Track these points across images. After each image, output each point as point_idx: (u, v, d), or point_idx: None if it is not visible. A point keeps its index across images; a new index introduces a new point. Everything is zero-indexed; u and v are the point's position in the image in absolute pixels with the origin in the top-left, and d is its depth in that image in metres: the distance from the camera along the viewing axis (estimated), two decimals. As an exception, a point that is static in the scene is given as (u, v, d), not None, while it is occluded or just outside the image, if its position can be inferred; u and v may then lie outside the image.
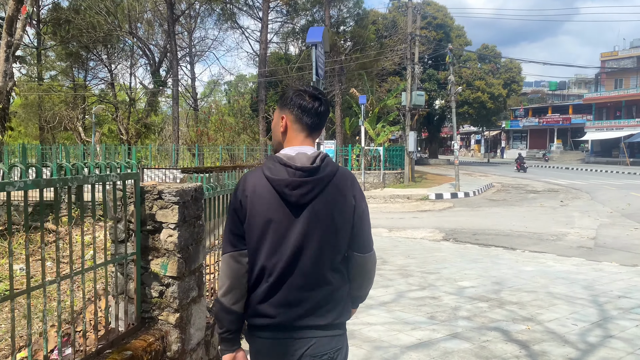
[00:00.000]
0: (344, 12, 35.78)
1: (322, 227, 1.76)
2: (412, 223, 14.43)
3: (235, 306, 1.80)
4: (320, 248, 1.77)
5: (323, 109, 1.86)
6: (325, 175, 1.77)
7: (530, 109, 62.99)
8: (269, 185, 1.74)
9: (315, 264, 1.77)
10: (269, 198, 1.74)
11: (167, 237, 2.76)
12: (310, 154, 1.78)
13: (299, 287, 1.76)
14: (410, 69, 22.13)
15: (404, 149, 23.33)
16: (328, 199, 1.76)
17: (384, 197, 19.90)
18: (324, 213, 1.76)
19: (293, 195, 1.73)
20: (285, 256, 1.75)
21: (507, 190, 22.82)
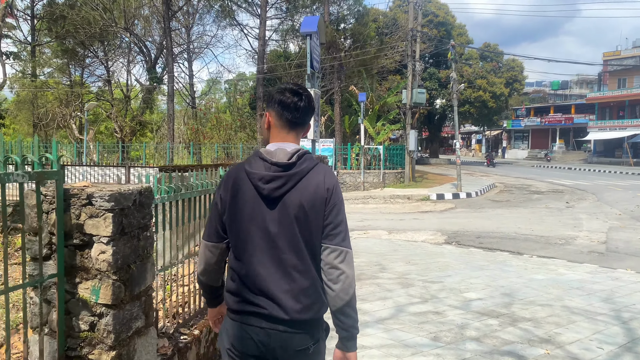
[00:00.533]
0: (344, 9, 35.16)
1: (293, 220, 1.79)
2: (413, 225, 13.81)
3: (210, 281, 1.98)
4: (293, 240, 1.79)
5: (303, 104, 1.88)
6: (300, 170, 1.80)
7: (532, 108, 62.32)
8: (247, 179, 1.81)
9: (286, 255, 1.79)
10: (247, 191, 1.81)
11: (99, 254, 2.14)
12: (289, 150, 1.83)
13: (271, 278, 1.79)
14: (411, 66, 21.50)
15: (404, 148, 22.71)
16: (301, 193, 1.79)
17: (384, 198, 19.29)
18: (295, 206, 1.79)
19: (266, 189, 1.78)
20: (258, 248, 1.80)
21: (510, 191, 22.20)
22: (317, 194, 1.80)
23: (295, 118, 1.88)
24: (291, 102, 1.86)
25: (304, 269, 1.80)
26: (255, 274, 1.79)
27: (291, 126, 1.89)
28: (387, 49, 34.52)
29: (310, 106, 1.91)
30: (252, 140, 26.33)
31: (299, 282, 1.79)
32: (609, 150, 48.03)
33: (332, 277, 1.79)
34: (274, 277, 1.78)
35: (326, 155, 20.81)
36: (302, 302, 1.78)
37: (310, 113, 1.92)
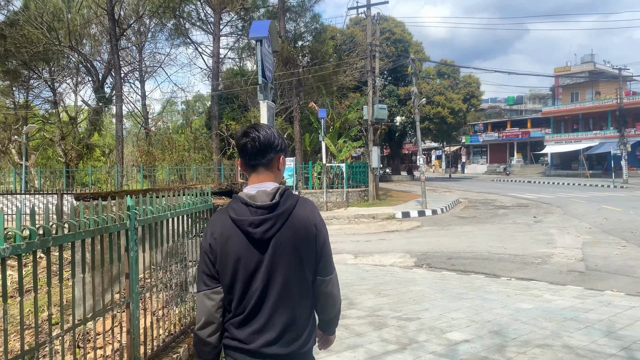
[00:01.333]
0: (301, 26, 34.62)
1: (287, 258, 1.86)
2: (380, 246, 12.94)
3: (211, 338, 1.91)
4: (287, 280, 1.88)
5: (251, 144, 1.89)
6: (285, 209, 1.86)
7: (489, 123, 63.30)
8: (234, 226, 1.85)
9: (283, 294, 1.87)
10: (236, 238, 1.85)
11: None
12: (269, 191, 1.88)
13: (267, 318, 1.86)
14: (372, 81, 20.90)
15: (367, 166, 21.99)
16: (290, 232, 1.86)
17: (348, 217, 18.41)
18: (287, 245, 1.86)
19: (257, 233, 1.83)
20: (256, 290, 1.86)
21: (475, 207, 21.72)
22: (307, 231, 1.89)
23: (250, 159, 1.92)
24: (242, 144, 1.91)
25: (301, 305, 1.92)
26: (256, 317, 1.87)
27: (253, 167, 1.93)
28: (345, 66, 34.13)
29: (262, 144, 1.90)
30: (208, 161, 25.17)
31: (299, 318, 1.90)
32: (566, 163, 48.94)
33: (325, 302, 2.02)
34: (276, 317, 1.87)
35: (284, 176, 19.84)
36: (302, 336, 1.91)
37: (267, 150, 1.92)
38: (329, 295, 2.01)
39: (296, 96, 22.35)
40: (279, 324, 1.87)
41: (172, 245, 3.75)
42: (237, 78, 31.10)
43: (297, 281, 1.90)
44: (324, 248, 1.96)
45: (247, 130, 1.93)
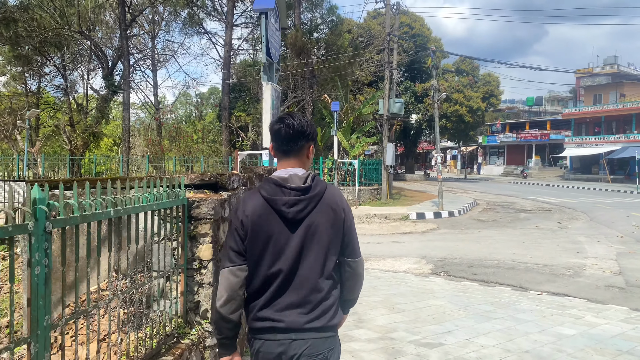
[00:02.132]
0: (317, 17, 33.64)
1: (316, 239, 1.96)
2: (393, 250, 11.96)
3: (233, 315, 1.96)
4: (315, 258, 1.96)
5: (285, 130, 1.99)
6: (317, 193, 1.97)
7: (507, 124, 61.77)
8: (267, 205, 1.93)
9: (311, 273, 1.96)
10: (268, 216, 1.92)
11: None
12: (301, 175, 1.99)
13: (297, 294, 1.95)
14: (389, 73, 19.85)
15: (380, 163, 20.97)
16: (321, 214, 1.96)
17: (359, 217, 17.42)
18: (318, 226, 1.95)
19: (290, 213, 1.92)
20: (285, 267, 1.94)
21: (494, 209, 20.61)
22: (336, 214, 2.00)
23: (283, 145, 2.01)
24: (277, 129, 2.01)
25: (329, 284, 2.00)
26: (283, 293, 1.95)
27: (283, 154, 2.03)
28: (361, 58, 33.07)
29: (295, 131, 1.99)
30: (219, 153, 24.37)
31: (326, 296, 1.98)
32: (586, 167, 47.39)
33: (355, 282, 2.12)
34: (303, 293, 1.95)
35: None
36: (327, 313, 1.98)
37: (299, 138, 2.01)
38: (359, 275, 2.13)
39: (309, 88, 21.37)
40: (309, 300, 1.95)
41: (123, 254, 2.83)
42: (250, 70, 30.26)
43: (325, 261, 1.99)
44: (351, 231, 2.07)
45: (283, 117, 2.03)
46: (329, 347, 1.98)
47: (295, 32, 20.84)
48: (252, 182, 4.57)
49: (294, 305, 1.94)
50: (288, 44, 21.59)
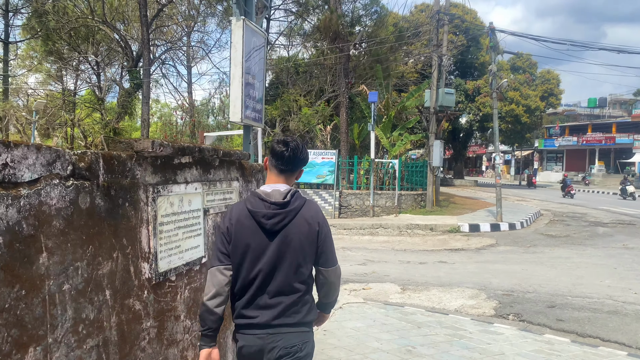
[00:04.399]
0: (359, 9, 30.98)
1: (291, 248, 2.21)
2: (439, 274, 9.11)
3: (218, 309, 2.20)
4: (289, 265, 2.21)
5: (287, 154, 2.26)
6: (294, 207, 2.23)
7: (566, 127, 56.94)
8: (250, 216, 2.21)
9: (286, 278, 2.21)
10: (249, 226, 2.20)
11: None
12: (282, 191, 2.25)
13: (273, 295, 2.21)
14: (437, 59, 16.91)
15: (426, 164, 18.02)
16: (296, 226, 2.22)
17: (399, 227, 14.58)
18: (292, 237, 2.21)
19: (268, 224, 2.19)
20: (262, 272, 2.19)
21: (563, 222, 17.24)
22: (310, 227, 2.24)
23: (281, 165, 2.28)
24: (279, 151, 2.26)
25: (300, 288, 2.24)
26: (259, 294, 2.21)
27: (279, 171, 2.30)
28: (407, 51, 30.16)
29: (297, 157, 2.29)
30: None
31: (296, 298, 2.23)
32: (659, 174, 42.46)
33: (328, 289, 2.38)
34: (275, 294, 2.20)
35: (325, 170, 16.27)
36: (299, 313, 2.25)
37: (297, 162, 2.31)
38: (331, 284, 2.37)
39: (344, 77, 18.68)
40: (282, 301, 2.20)
41: None
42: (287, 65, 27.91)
43: (298, 267, 2.23)
44: (326, 242, 2.30)
45: (287, 141, 2.30)
46: (303, 340, 2.25)
47: (330, 14, 18.23)
48: (125, 169, 2.00)
49: (270, 305, 2.20)
50: (321, 29, 19.05)
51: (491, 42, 15.37)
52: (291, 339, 2.21)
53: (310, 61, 28.66)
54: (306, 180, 16.64)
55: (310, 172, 16.46)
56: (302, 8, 32.10)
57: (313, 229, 2.24)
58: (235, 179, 3.24)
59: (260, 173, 3.68)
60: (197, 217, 2.69)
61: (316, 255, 2.27)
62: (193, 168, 2.67)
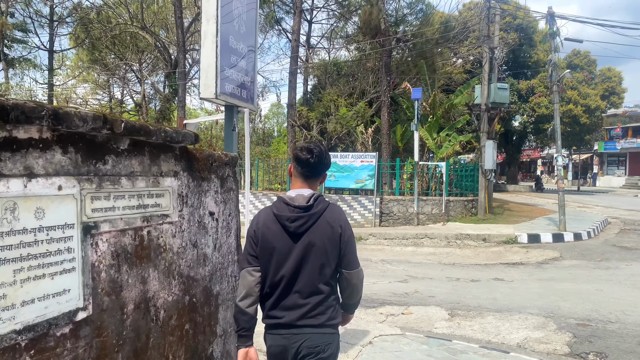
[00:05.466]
0: (404, 7, 29.56)
1: (314, 250, 2.27)
2: (495, 295, 7.63)
3: (250, 309, 2.28)
4: (313, 266, 2.28)
5: (313, 160, 2.36)
6: (317, 211, 2.31)
7: (629, 128, 53.11)
8: (275, 220, 2.31)
9: (309, 279, 2.28)
10: (275, 229, 2.28)
11: None
12: (306, 195, 2.34)
13: (298, 296, 2.28)
14: (488, 52, 15.30)
15: (477, 168, 16.40)
16: (319, 229, 2.29)
17: (447, 237, 13.08)
18: (316, 240, 2.27)
19: (292, 227, 2.28)
20: (287, 273, 2.27)
21: (636, 230, 15.19)
22: (333, 230, 2.30)
23: (307, 172, 2.38)
24: (304, 158, 2.36)
25: (324, 289, 2.31)
26: (285, 294, 2.28)
27: (304, 178, 2.39)
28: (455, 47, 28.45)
29: (321, 162, 2.39)
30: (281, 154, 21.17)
31: (321, 299, 2.30)
32: None
33: (351, 291, 2.42)
34: (301, 295, 2.27)
35: (364, 174, 14.96)
36: (324, 313, 2.31)
37: (322, 168, 2.42)
38: (354, 286, 2.41)
39: (386, 75, 17.33)
40: (306, 302, 2.27)
41: None
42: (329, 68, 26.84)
43: (322, 269, 2.29)
44: (348, 245, 2.35)
45: (311, 148, 2.38)
46: (326, 342, 2.31)
47: (370, 8, 16.97)
48: None
49: (295, 306, 2.27)
50: (361, 25, 17.83)
51: (550, 29, 13.67)
52: (315, 339, 2.28)
53: (352, 62, 27.50)
54: (344, 186, 15.37)
55: (348, 176, 15.19)
56: (345, 9, 31.03)
57: (336, 232, 2.31)
58: (171, 174, 2.04)
59: (228, 167, 2.47)
60: (61, 239, 1.49)
61: (339, 258, 2.34)
62: (54, 151, 1.48)
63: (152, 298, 1.92)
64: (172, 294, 2.04)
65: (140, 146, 1.85)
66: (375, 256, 11.50)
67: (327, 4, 33.81)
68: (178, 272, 2.09)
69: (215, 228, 2.37)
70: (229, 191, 2.49)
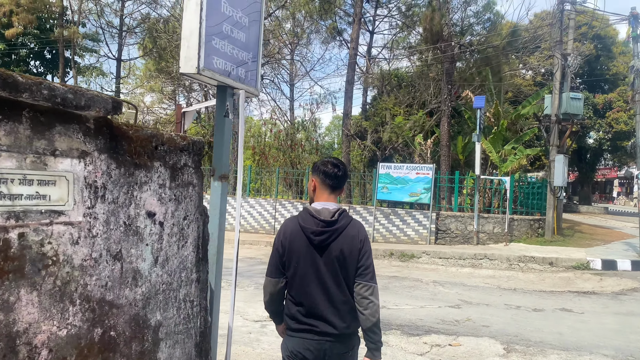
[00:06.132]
0: (470, 16, 28.36)
1: (337, 263, 2.41)
2: (561, 329, 6.58)
3: (275, 308, 2.58)
4: (336, 277, 2.42)
5: (340, 173, 2.54)
6: (340, 225, 2.44)
7: None
8: (301, 231, 2.45)
9: (332, 288, 2.42)
10: (300, 240, 2.45)
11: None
12: (331, 209, 2.47)
13: (321, 304, 2.41)
14: (560, 58, 14.01)
15: (545, 184, 15.05)
16: (341, 243, 2.43)
17: (508, 259, 11.92)
18: (338, 252, 2.42)
19: (316, 240, 2.42)
20: (312, 283, 2.42)
21: None
22: (353, 244, 2.44)
23: (334, 184, 2.53)
24: (332, 172, 2.52)
25: (344, 299, 2.44)
26: (309, 302, 2.44)
27: (331, 190, 2.54)
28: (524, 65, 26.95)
29: (345, 174, 2.58)
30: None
31: (341, 308, 2.44)
32: None
33: (363, 305, 2.42)
34: (324, 304, 2.43)
35: (420, 187, 14.04)
36: (344, 322, 2.43)
37: (345, 179, 2.59)
38: (367, 298, 2.40)
39: (447, 84, 16.35)
40: (331, 311, 2.41)
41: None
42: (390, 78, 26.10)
43: (344, 280, 2.43)
44: (367, 258, 2.46)
45: (336, 163, 2.56)
46: (353, 345, 2.50)
47: (431, 13, 16.12)
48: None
49: (319, 313, 2.41)
50: (422, 28, 17.00)
51: (633, 32, 12.27)
52: (337, 345, 2.43)
53: (413, 73, 26.58)
54: (397, 198, 14.48)
55: (403, 189, 14.30)
56: (409, 19, 30.24)
57: (356, 246, 2.44)
58: (73, 154, 1.44)
59: (185, 154, 1.86)
60: None
61: (357, 271, 2.44)
62: None
63: (23, 333, 1.31)
64: (69, 326, 1.43)
65: (12, 108, 1.26)
66: (426, 276, 10.58)
67: (390, 14, 33.18)
68: (82, 295, 1.47)
69: (158, 235, 1.74)
70: (186, 186, 1.86)
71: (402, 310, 7.42)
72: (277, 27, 31.19)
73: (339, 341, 2.43)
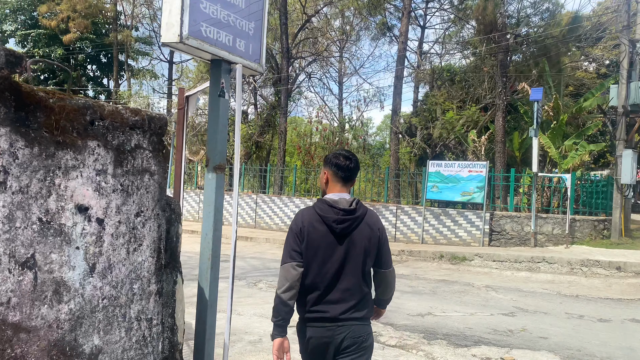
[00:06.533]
0: (527, 7, 26.95)
1: (357, 250, 2.49)
2: (632, 344, 5.85)
3: (291, 301, 2.45)
4: (356, 265, 2.49)
5: (352, 165, 2.60)
6: (360, 214, 2.52)
7: None
8: (321, 220, 2.48)
9: (352, 276, 2.49)
10: (321, 229, 2.47)
11: None
12: (348, 199, 2.54)
13: (342, 292, 2.47)
14: (628, 44, 12.84)
15: (610, 182, 13.90)
16: (362, 231, 2.51)
17: (570, 263, 11.00)
18: (358, 241, 2.50)
19: (338, 228, 2.46)
20: (332, 271, 2.46)
21: None
22: (372, 232, 2.54)
23: (346, 176, 2.59)
24: (344, 164, 2.57)
25: (362, 286, 2.53)
26: (327, 289, 2.47)
27: (344, 182, 2.60)
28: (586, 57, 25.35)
29: (357, 166, 2.63)
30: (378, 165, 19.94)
31: (358, 295, 2.51)
32: None
33: (385, 287, 2.67)
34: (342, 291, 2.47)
35: (472, 186, 13.28)
36: (362, 308, 2.51)
37: (357, 171, 2.64)
38: (388, 283, 2.65)
39: (501, 76, 15.42)
40: (350, 297, 2.47)
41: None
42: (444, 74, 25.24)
43: (363, 267, 2.51)
44: (384, 246, 2.59)
45: (348, 155, 2.61)
46: (367, 332, 2.54)
47: (484, 2, 15.25)
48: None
49: (341, 300, 2.45)
50: (474, 19, 16.15)
51: None
52: (357, 330, 2.48)
53: (466, 67, 25.55)
54: (447, 198, 13.76)
55: (454, 187, 13.56)
56: (461, 12, 29.16)
57: (375, 234, 2.54)
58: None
59: (136, 134, 1.46)
60: None
61: (376, 258, 2.57)
62: None
63: None
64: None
65: None
66: (479, 280, 9.88)
67: (442, 7, 32.19)
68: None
69: (96, 235, 1.35)
70: (139, 174, 1.46)
71: (450, 318, 6.83)
72: (326, 24, 30.85)
73: (358, 326, 2.49)
